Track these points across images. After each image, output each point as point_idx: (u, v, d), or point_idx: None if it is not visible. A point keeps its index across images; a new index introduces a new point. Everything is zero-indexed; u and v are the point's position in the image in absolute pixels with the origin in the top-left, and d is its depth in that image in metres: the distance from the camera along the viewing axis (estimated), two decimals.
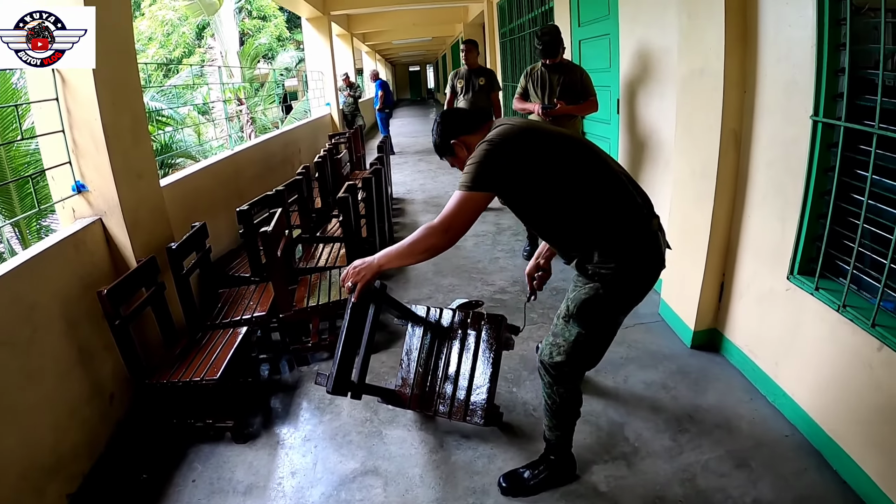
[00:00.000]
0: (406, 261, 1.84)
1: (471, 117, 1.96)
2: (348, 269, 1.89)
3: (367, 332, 2.20)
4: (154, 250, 2.73)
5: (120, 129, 2.63)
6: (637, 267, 1.80)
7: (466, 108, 2.07)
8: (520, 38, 7.88)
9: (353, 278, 1.86)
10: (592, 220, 1.79)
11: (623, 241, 1.78)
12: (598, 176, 1.80)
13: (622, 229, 1.78)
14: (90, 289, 2.37)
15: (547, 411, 2.11)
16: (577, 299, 1.85)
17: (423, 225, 1.77)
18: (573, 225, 1.82)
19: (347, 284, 1.88)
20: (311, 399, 2.84)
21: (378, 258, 1.84)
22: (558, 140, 1.83)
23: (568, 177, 1.78)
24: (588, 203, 1.78)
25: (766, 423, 2.49)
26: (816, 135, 2.21)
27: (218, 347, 2.60)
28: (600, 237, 1.79)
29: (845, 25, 2.04)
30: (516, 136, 1.78)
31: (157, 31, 19.23)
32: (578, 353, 1.92)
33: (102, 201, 2.61)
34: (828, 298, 2.22)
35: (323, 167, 5.29)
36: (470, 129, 1.93)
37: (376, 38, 17.90)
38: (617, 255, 1.77)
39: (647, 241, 1.81)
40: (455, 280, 4.26)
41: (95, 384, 2.48)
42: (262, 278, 3.45)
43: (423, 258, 1.80)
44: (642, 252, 1.80)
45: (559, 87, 3.95)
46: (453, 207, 1.73)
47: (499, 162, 1.73)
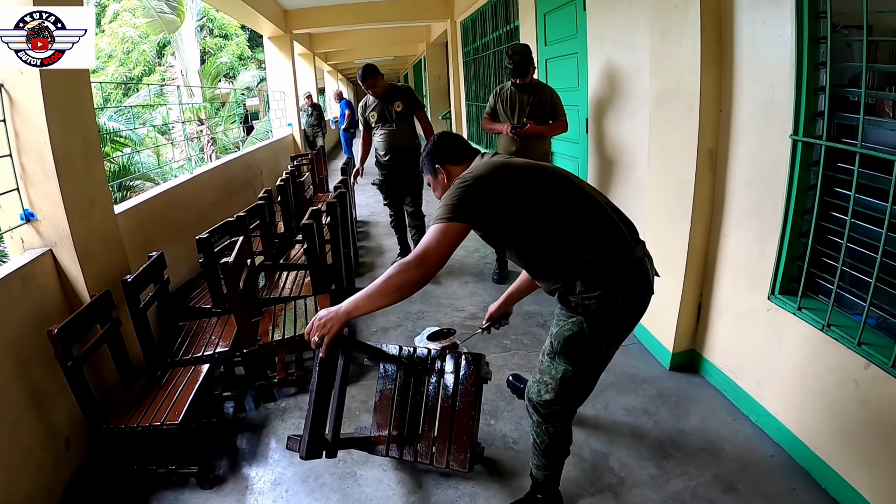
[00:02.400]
0: (377, 302, 1.67)
1: (462, 149, 1.99)
2: (313, 321, 1.73)
3: (338, 386, 2.08)
4: (109, 283, 2.56)
5: (71, 154, 2.46)
6: (622, 295, 1.74)
7: (462, 140, 2.02)
8: (483, 57, 7.88)
9: (319, 332, 1.71)
10: (573, 249, 1.74)
11: (606, 270, 1.72)
12: (578, 206, 1.77)
13: (605, 257, 1.73)
14: (41, 326, 2.19)
15: (536, 450, 2.02)
16: (561, 335, 1.78)
17: (396, 262, 1.68)
18: (554, 255, 1.78)
19: (314, 339, 1.72)
20: (279, 438, 2.68)
21: (345, 306, 1.70)
22: (536, 174, 1.81)
23: (546, 209, 1.75)
24: (568, 233, 1.75)
25: (751, 443, 2.47)
26: (796, 154, 2.20)
27: (179, 387, 2.43)
28: (582, 266, 1.73)
29: (825, 44, 2.03)
30: (492, 175, 1.76)
31: (117, 49, 18.71)
32: (567, 390, 1.86)
33: (53, 231, 2.44)
34: (811, 318, 2.21)
35: (285, 190, 5.13)
36: (456, 160, 1.96)
37: (338, 58, 17.83)
38: (601, 283, 1.71)
39: (631, 269, 1.76)
40: (424, 307, 4.14)
41: (50, 429, 2.30)
42: (223, 310, 3.28)
43: (395, 298, 1.66)
44: (627, 280, 1.75)
45: (529, 106, 3.91)
46: (429, 240, 1.66)
47: (475, 197, 1.71)
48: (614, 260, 1.73)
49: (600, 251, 1.73)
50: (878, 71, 2.01)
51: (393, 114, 4.55)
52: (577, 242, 1.74)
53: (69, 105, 2.49)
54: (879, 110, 2.11)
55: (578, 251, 1.73)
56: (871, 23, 1.86)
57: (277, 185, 5.12)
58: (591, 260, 1.72)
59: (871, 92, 1.94)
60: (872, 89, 1.98)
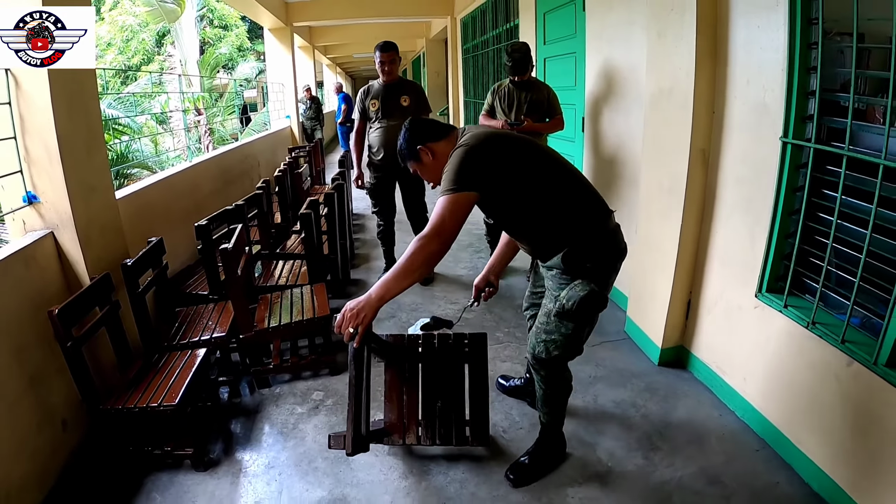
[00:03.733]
0: (406, 281, 1.74)
1: (438, 126, 2.04)
2: (343, 312, 1.76)
3: (366, 378, 2.11)
4: (108, 267, 2.59)
5: (75, 139, 2.49)
6: (611, 257, 1.94)
7: (434, 120, 2.05)
8: (483, 54, 7.93)
9: (353, 322, 1.73)
10: (568, 212, 1.89)
11: (597, 231, 1.90)
12: (566, 175, 1.94)
13: (594, 219, 1.90)
14: (41, 308, 2.22)
15: (543, 400, 2.22)
16: (576, 297, 1.85)
17: (413, 239, 1.74)
18: (550, 220, 1.91)
19: (348, 331, 1.74)
20: (273, 423, 2.72)
21: (375, 292, 1.74)
22: (527, 143, 1.96)
23: (541, 175, 1.89)
24: (561, 198, 1.89)
25: (736, 438, 2.52)
26: (786, 155, 2.25)
27: (176, 370, 2.47)
28: (577, 228, 1.88)
29: (816, 49, 2.08)
30: (489, 139, 1.88)
31: (117, 37, 18.68)
32: (572, 345, 2.03)
33: (55, 214, 2.46)
34: (797, 316, 2.26)
35: (283, 181, 5.17)
36: (437, 136, 1.98)
37: (337, 52, 17.86)
38: (595, 244, 1.89)
39: (613, 232, 1.94)
40: (418, 298, 4.17)
41: (47, 410, 2.33)
42: (220, 296, 3.32)
43: (422, 272, 1.76)
44: (612, 243, 1.94)
45: (526, 104, 3.94)
46: (442, 211, 1.75)
47: (478, 162, 1.80)
48: (601, 223, 1.90)
49: (589, 214, 1.90)
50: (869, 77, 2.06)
51: (398, 108, 4.07)
52: (570, 204, 1.89)
53: (74, 91, 2.51)
54: (870, 116, 2.16)
55: (572, 213, 1.89)
56: (864, 30, 1.91)
57: (275, 175, 5.17)
58: (583, 225, 1.88)
59: (860, 97, 1.98)
60: (863, 95, 2.03)
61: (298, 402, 2.89)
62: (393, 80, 4.10)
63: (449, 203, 1.74)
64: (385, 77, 4.07)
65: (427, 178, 2.07)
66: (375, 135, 4.13)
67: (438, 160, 1.93)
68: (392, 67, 4.04)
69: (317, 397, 2.92)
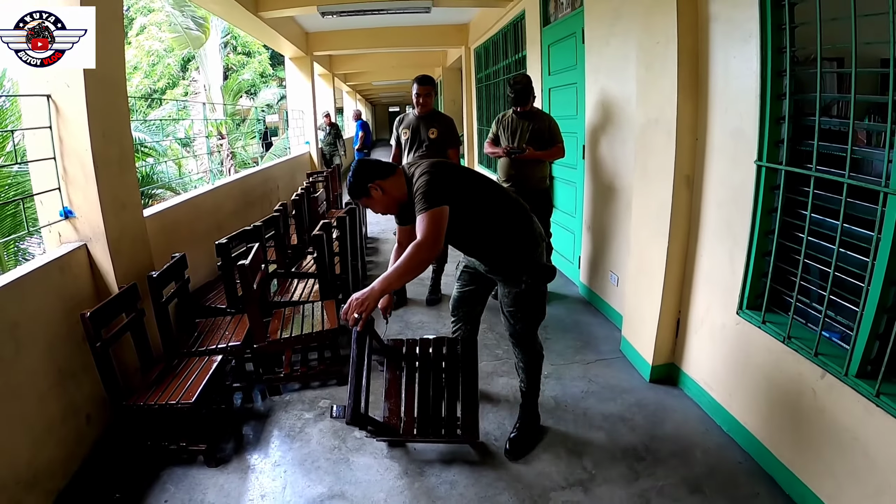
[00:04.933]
0: (405, 278, 2.09)
1: (385, 165, 2.32)
2: (350, 301, 2.04)
3: (365, 364, 2.30)
4: (135, 277, 2.80)
5: (108, 160, 2.73)
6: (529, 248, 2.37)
7: (378, 160, 2.39)
8: (494, 83, 8.15)
9: (357, 309, 2.02)
10: (507, 222, 2.33)
11: (530, 230, 2.37)
12: (500, 190, 2.44)
13: (526, 227, 2.37)
14: (72, 312, 2.45)
15: (522, 372, 2.66)
16: (512, 294, 2.44)
17: (410, 245, 2.06)
18: (498, 231, 2.33)
19: (354, 316, 2.02)
20: (281, 427, 2.90)
21: (377, 285, 2.04)
22: (474, 172, 2.43)
23: (489, 195, 2.34)
24: (502, 210, 2.34)
25: (721, 451, 2.60)
26: (760, 178, 2.39)
27: (193, 374, 2.66)
28: (515, 236, 2.34)
29: (786, 76, 2.24)
30: (443, 165, 2.28)
31: (143, 61, 19.32)
32: (534, 316, 2.52)
33: (88, 228, 2.70)
34: (774, 331, 2.37)
35: (300, 205, 5.39)
36: (385, 174, 2.28)
37: (357, 79, 18.12)
38: (531, 240, 2.37)
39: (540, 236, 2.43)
40: (424, 317, 4.34)
41: (73, 404, 2.53)
42: (237, 310, 3.52)
43: (420, 271, 2.09)
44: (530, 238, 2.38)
45: (528, 133, 4.12)
46: (425, 225, 2.07)
47: (442, 182, 2.16)
48: (532, 229, 2.37)
49: (523, 221, 2.36)
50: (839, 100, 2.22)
51: (426, 139, 4.20)
52: (508, 217, 2.33)
53: (109, 115, 2.76)
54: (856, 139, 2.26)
55: (510, 224, 2.33)
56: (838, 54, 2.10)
57: (293, 199, 5.37)
58: (521, 229, 2.34)
59: (825, 119, 2.12)
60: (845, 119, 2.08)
61: (306, 408, 3.06)
62: (426, 112, 4.24)
63: (429, 217, 2.08)
64: (419, 109, 4.23)
65: (377, 210, 2.36)
66: None
67: (388, 194, 2.26)
68: (427, 100, 4.19)
69: (324, 404, 3.09)
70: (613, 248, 4.09)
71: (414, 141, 4.26)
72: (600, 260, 4.32)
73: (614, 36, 3.77)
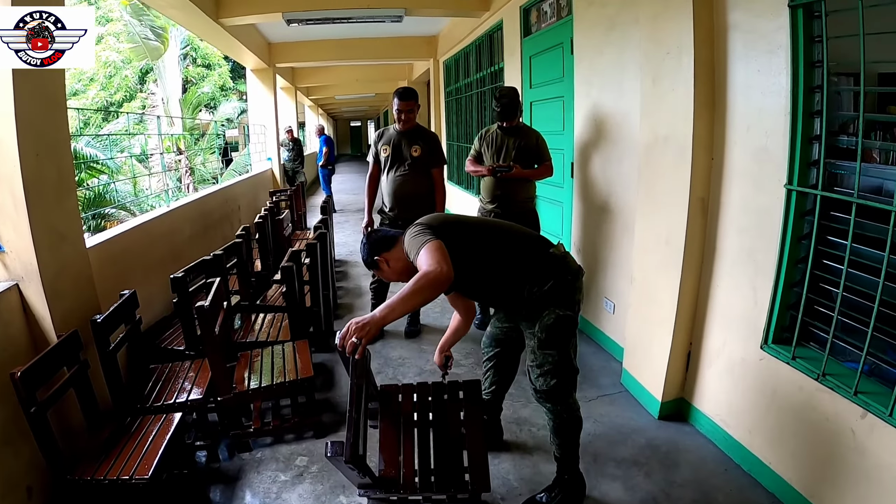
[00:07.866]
0: (410, 303, 1.86)
1: (387, 239, 2.29)
2: (348, 326, 1.81)
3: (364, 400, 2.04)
4: (77, 322, 2.43)
5: (43, 185, 2.36)
6: (564, 279, 2.16)
7: (385, 231, 2.33)
8: (467, 97, 7.94)
9: (357, 334, 1.79)
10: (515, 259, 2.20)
11: (544, 264, 2.17)
12: (500, 226, 2.36)
13: (538, 257, 2.19)
14: (4, 367, 2.05)
15: (554, 432, 2.33)
16: (544, 326, 2.16)
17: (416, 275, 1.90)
18: (499, 270, 2.21)
19: (352, 341, 1.77)
20: (255, 492, 2.54)
21: (379, 312, 1.84)
22: (457, 216, 2.37)
23: (484, 233, 2.27)
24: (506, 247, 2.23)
25: (744, 493, 2.43)
26: (790, 203, 2.21)
27: (149, 437, 2.29)
28: (526, 272, 2.17)
29: (820, 93, 2.04)
30: (429, 217, 2.26)
31: (100, 73, 18.71)
32: (565, 369, 2.21)
33: (20, 265, 2.32)
34: (806, 368, 2.20)
35: (263, 227, 5.02)
36: (388, 247, 2.25)
37: (320, 93, 17.92)
38: (547, 274, 2.15)
39: (560, 258, 2.20)
40: (405, 352, 4.02)
41: (11, 476, 2.16)
42: (197, 353, 3.13)
43: (427, 294, 1.88)
44: (560, 267, 2.18)
45: (514, 150, 3.87)
46: (427, 258, 1.94)
47: (428, 227, 2.12)
48: (539, 254, 2.20)
49: (533, 254, 2.20)
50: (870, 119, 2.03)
51: (408, 157, 3.91)
52: (515, 253, 2.21)
53: (44, 133, 2.40)
54: (867, 156, 2.12)
55: (519, 260, 2.19)
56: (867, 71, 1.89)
57: (255, 222, 5.01)
58: (530, 263, 2.18)
59: (866, 141, 1.95)
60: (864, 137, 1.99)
61: (281, 468, 2.70)
62: (409, 129, 3.94)
63: (429, 252, 1.96)
64: (401, 125, 3.91)
65: (388, 279, 2.35)
66: (387, 186, 3.98)
67: (393, 265, 2.24)
68: (409, 116, 3.88)
69: (301, 463, 2.74)
70: (608, 273, 3.86)
71: (396, 159, 3.94)
72: (593, 285, 4.06)
73: (609, 45, 3.57)
